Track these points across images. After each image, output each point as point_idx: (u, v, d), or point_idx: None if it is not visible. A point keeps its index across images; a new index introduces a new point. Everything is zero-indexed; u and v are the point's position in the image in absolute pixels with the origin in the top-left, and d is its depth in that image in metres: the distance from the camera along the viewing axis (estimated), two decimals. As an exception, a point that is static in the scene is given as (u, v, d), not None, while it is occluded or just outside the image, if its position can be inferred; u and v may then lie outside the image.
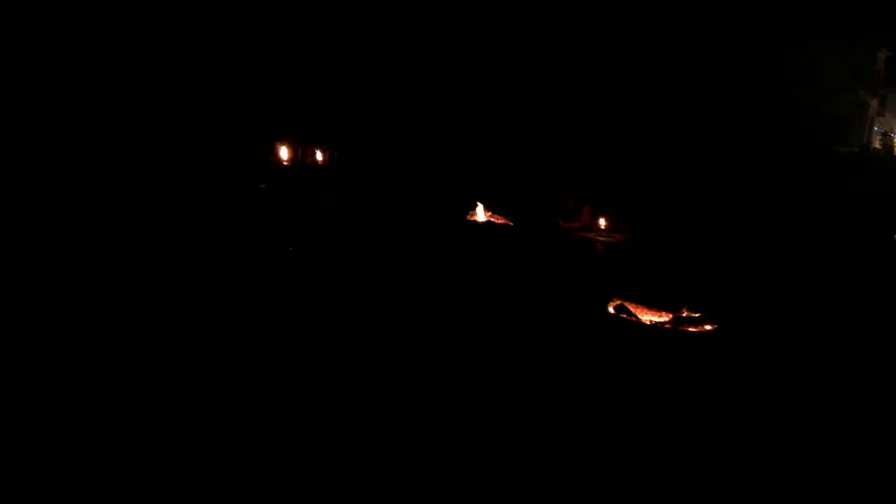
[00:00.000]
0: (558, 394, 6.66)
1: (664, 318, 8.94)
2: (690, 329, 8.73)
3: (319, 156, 14.62)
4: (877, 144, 38.45)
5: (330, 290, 8.88)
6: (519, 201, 14.86)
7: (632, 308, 9.01)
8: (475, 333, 7.95)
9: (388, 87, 18.64)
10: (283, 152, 14.55)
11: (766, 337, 8.70)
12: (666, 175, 18.81)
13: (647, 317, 8.93)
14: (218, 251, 9.61)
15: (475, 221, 14.00)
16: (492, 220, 14.14)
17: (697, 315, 8.95)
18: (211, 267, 9.07)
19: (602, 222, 14.76)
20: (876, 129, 43.33)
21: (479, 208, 13.89)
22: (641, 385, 7.03)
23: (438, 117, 18.88)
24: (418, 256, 10.95)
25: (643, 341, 8.45)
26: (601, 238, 14.40)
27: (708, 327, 8.75)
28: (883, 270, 13.84)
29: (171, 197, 11.44)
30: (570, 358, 7.53)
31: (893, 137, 39.50)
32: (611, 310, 9.03)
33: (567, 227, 14.83)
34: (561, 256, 12.60)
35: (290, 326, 7.59)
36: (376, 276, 9.72)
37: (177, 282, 8.49)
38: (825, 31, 32.14)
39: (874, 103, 40.22)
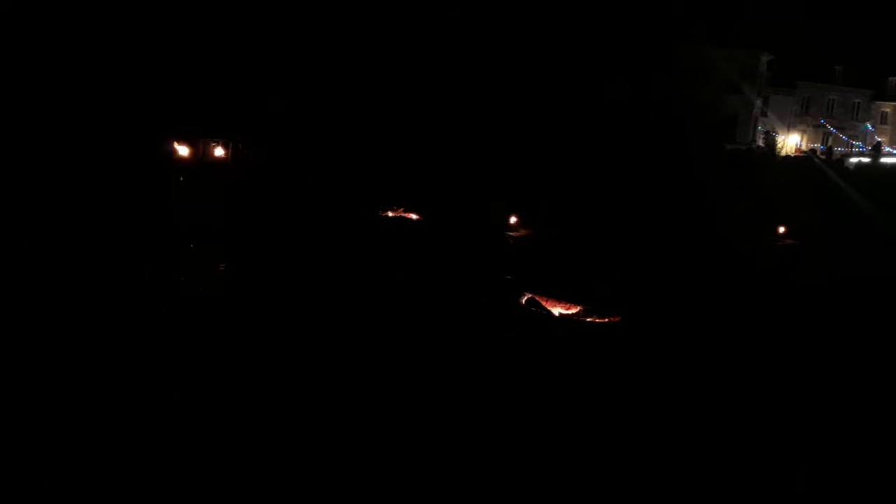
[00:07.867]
0: (472, 384, 6.68)
1: (572, 310, 9.18)
2: (597, 320, 8.99)
3: (221, 151, 14.08)
4: (761, 142, 40.82)
5: (238, 288, 8.58)
6: (430, 198, 14.87)
7: (542, 301, 9.19)
8: (389, 325, 7.88)
9: (302, 82, 18.13)
10: (183, 149, 13.89)
11: (666, 326, 9.08)
12: (567, 173, 19.26)
13: (557, 309, 9.14)
14: (117, 250, 9.08)
15: (387, 216, 13.96)
16: (402, 215, 14.13)
17: (602, 307, 9.24)
18: (111, 266, 8.57)
19: (512, 219, 15.04)
20: (759, 128, 46.04)
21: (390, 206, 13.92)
22: (552, 373, 7.16)
23: (352, 116, 18.60)
24: (330, 250, 10.75)
25: (553, 332, 8.62)
26: (511, 234, 14.64)
27: (612, 318, 9.04)
28: (768, 262, 14.76)
29: (65, 195, 10.71)
30: (483, 348, 7.57)
31: (775, 136, 42.15)
32: (522, 302, 9.18)
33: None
34: (471, 251, 12.68)
35: (200, 328, 7.29)
36: (286, 270, 9.47)
37: (74, 281, 7.99)
38: (714, 32, 33.79)
39: (758, 103, 42.67)
